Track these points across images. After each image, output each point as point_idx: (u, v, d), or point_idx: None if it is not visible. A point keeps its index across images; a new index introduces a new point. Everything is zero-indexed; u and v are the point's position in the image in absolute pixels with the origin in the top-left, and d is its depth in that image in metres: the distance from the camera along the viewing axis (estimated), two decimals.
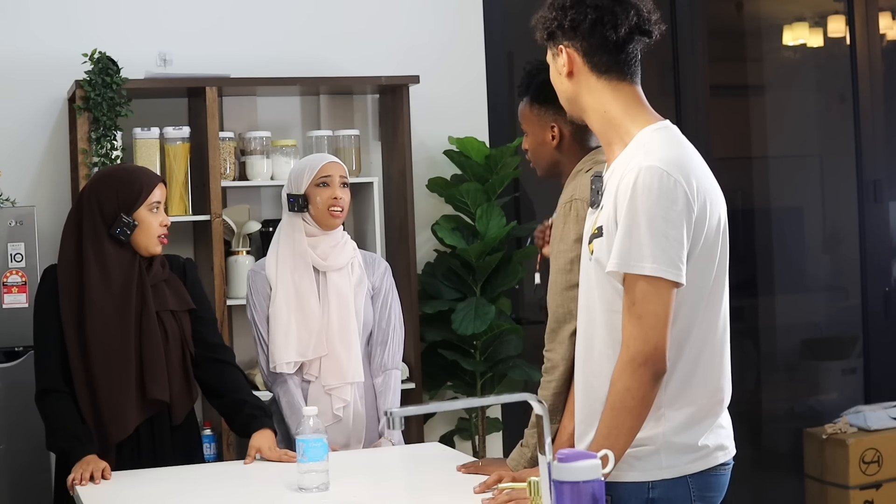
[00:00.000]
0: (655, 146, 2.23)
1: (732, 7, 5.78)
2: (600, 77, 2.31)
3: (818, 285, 5.91)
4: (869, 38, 5.57)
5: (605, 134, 2.34)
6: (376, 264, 3.61)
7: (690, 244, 2.19)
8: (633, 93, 2.32)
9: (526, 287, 4.92)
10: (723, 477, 2.32)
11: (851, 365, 5.70)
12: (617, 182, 2.23)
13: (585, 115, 2.36)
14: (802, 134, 5.87)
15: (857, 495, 4.96)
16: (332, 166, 3.49)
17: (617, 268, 2.18)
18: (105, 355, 3.15)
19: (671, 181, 2.16)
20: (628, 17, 2.27)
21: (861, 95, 5.55)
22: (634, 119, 2.30)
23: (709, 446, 2.27)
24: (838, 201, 5.74)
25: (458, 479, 2.84)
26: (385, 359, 3.55)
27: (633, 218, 2.16)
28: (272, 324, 3.46)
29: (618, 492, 2.24)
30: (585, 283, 2.35)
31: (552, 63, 2.38)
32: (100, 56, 4.09)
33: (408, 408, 2.11)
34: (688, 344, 2.24)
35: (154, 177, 3.31)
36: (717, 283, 2.28)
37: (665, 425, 2.23)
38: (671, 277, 2.15)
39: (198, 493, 2.93)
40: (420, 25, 4.80)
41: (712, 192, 2.27)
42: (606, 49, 2.28)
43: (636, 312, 2.17)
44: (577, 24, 2.28)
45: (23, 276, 3.90)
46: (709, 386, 2.28)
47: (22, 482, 3.88)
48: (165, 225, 3.26)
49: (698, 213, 2.20)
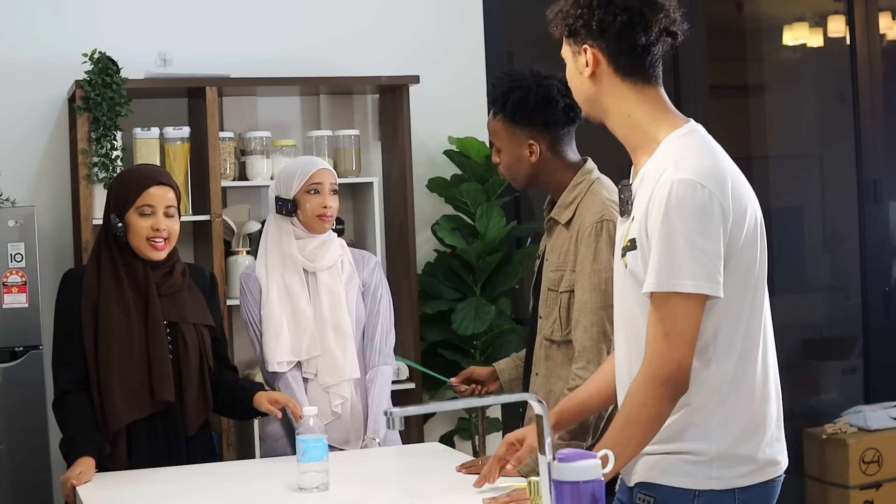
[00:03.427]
0: (686, 155, 2.16)
1: (732, 7, 5.77)
2: (625, 80, 2.23)
3: (818, 285, 5.91)
4: (869, 38, 5.57)
5: (629, 139, 2.27)
6: (366, 260, 3.60)
7: (727, 252, 2.13)
8: (658, 96, 2.25)
9: (526, 287, 4.91)
10: (773, 489, 2.27)
11: (851, 365, 5.70)
12: (649, 193, 2.16)
13: (607, 117, 2.28)
14: (802, 134, 5.87)
15: (857, 495, 4.96)
16: (323, 173, 3.47)
17: (655, 288, 2.11)
18: (110, 357, 3.15)
19: (705, 193, 2.10)
20: (657, 20, 2.20)
21: (861, 95, 5.55)
22: (660, 124, 2.23)
23: (760, 460, 2.22)
24: (838, 201, 5.74)
25: (458, 479, 2.84)
26: (373, 354, 3.54)
27: (670, 235, 2.09)
28: (266, 325, 3.46)
29: (661, 495, 2.20)
30: (622, 296, 2.28)
31: (570, 60, 2.29)
32: (100, 56, 4.09)
33: (408, 408, 2.11)
34: (734, 353, 2.18)
35: (147, 179, 3.22)
36: (758, 289, 2.22)
37: (720, 436, 2.18)
38: (710, 292, 2.10)
39: (198, 493, 2.93)
40: (420, 25, 4.80)
41: (746, 194, 2.21)
42: (634, 52, 2.20)
43: (663, 329, 2.11)
44: (605, 25, 2.19)
45: (23, 276, 3.90)
46: (762, 394, 2.23)
47: (22, 482, 3.87)
48: (156, 229, 3.18)
49: (734, 220, 2.14)
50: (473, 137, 4.56)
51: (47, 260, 4.19)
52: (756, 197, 2.26)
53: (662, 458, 2.20)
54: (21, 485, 3.87)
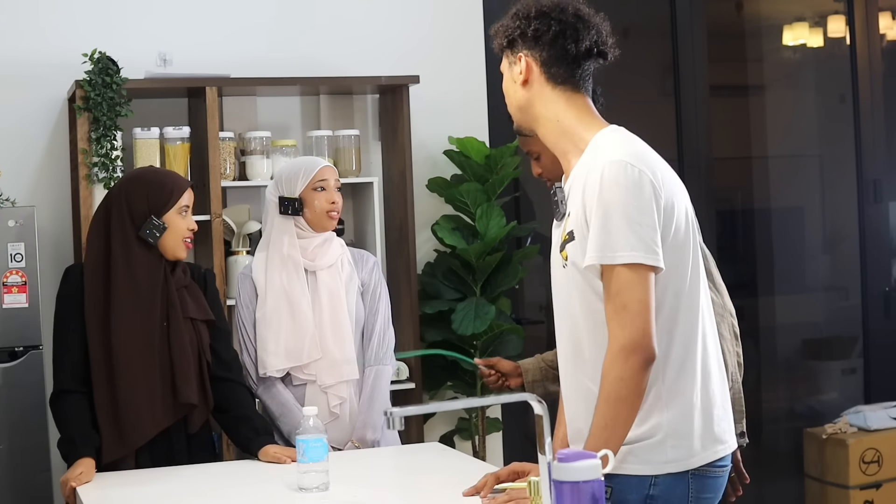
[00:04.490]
0: (615, 144, 2.29)
1: (732, 7, 5.77)
2: (556, 87, 2.38)
3: (818, 285, 5.91)
4: (869, 38, 5.58)
5: (558, 143, 2.40)
6: (364, 260, 3.61)
7: (663, 230, 2.23)
8: (585, 103, 2.39)
9: (526, 287, 4.92)
10: (720, 479, 2.33)
11: (851, 365, 5.70)
12: (582, 185, 2.27)
13: (537, 123, 2.41)
14: (802, 134, 5.87)
15: (857, 495, 4.96)
16: (328, 170, 3.51)
17: (596, 261, 2.21)
18: (129, 358, 3.15)
19: (636, 171, 2.22)
20: (588, 35, 2.36)
21: (861, 95, 5.55)
22: (588, 125, 2.37)
23: (708, 437, 2.28)
24: (838, 201, 5.74)
25: (458, 479, 2.84)
26: (370, 354, 3.54)
27: (605, 211, 2.21)
28: (263, 329, 3.45)
29: (618, 484, 2.25)
30: (564, 294, 2.37)
31: (507, 71, 2.45)
32: (100, 56, 4.09)
33: (408, 408, 2.11)
34: (677, 331, 2.27)
35: (184, 181, 3.34)
36: (695, 273, 2.31)
37: (667, 414, 2.25)
38: (650, 262, 2.19)
39: (198, 494, 2.94)
40: (420, 25, 4.80)
41: (675, 185, 2.32)
42: (565, 61, 2.36)
43: (620, 302, 2.20)
44: (539, 34, 2.36)
45: (23, 276, 3.90)
46: (703, 372, 2.30)
47: (22, 482, 3.87)
48: (192, 230, 3.28)
49: (666, 201, 2.24)
50: (473, 137, 4.56)
51: (47, 260, 4.19)
52: (688, 195, 2.36)
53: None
54: (21, 485, 3.86)
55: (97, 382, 3.15)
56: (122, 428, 3.13)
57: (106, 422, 3.14)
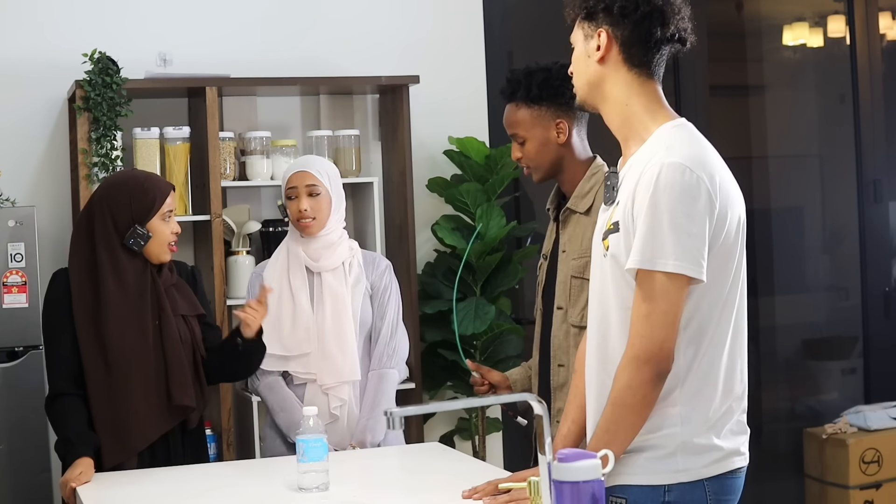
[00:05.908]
0: (677, 142, 2.21)
1: (732, 7, 5.77)
2: (631, 69, 2.28)
3: (818, 285, 5.91)
4: (869, 38, 5.57)
5: (622, 128, 2.31)
6: (376, 263, 3.61)
7: (711, 241, 2.16)
8: (656, 91, 2.31)
9: (526, 287, 4.92)
10: (738, 480, 2.27)
11: (851, 365, 5.70)
12: (636, 177, 2.19)
13: (605, 103, 2.32)
14: (802, 134, 5.87)
15: (857, 495, 4.96)
16: (296, 177, 3.49)
17: (639, 265, 2.14)
18: (125, 362, 3.14)
19: (694, 177, 2.14)
20: (674, 18, 2.26)
21: (861, 95, 5.55)
22: (654, 116, 2.28)
23: (725, 449, 2.23)
24: (838, 201, 5.74)
25: (458, 479, 2.84)
26: (374, 358, 3.54)
27: (656, 214, 2.13)
28: (264, 322, 3.46)
29: (632, 495, 2.21)
30: (599, 281, 2.30)
31: (581, 43, 2.33)
32: (100, 56, 4.09)
33: (408, 408, 2.11)
34: (704, 342, 2.21)
35: (166, 185, 3.29)
36: (735, 283, 2.25)
37: (682, 425, 2.20)
38: (693, 274, 2.13)
39: (198, 493, 2.93)
40: (420, 25, 4.80)
41: (733, 191, 2.25)
42: (647, 44, 2.26)
43: (646, 309, 2.14)
44: (627, 12, 2.25)
45: (23, 276, 3.90)
46: (725, 386, 2.24)
47: (22, 482, 3.87)
48: (176, 233, 3.26)
49: (720, 211, 2.18)
50: (473, 137, 4.56)
51: (47, 260, 4.19)
52: (744, 201, 2.30)
53: (628, 458, 2.21)
54: (21, 485, 3.87)
55: (92, 387, 3.14)
56: (122, 434, 3.13)
57: (105, 428, 3.13)
